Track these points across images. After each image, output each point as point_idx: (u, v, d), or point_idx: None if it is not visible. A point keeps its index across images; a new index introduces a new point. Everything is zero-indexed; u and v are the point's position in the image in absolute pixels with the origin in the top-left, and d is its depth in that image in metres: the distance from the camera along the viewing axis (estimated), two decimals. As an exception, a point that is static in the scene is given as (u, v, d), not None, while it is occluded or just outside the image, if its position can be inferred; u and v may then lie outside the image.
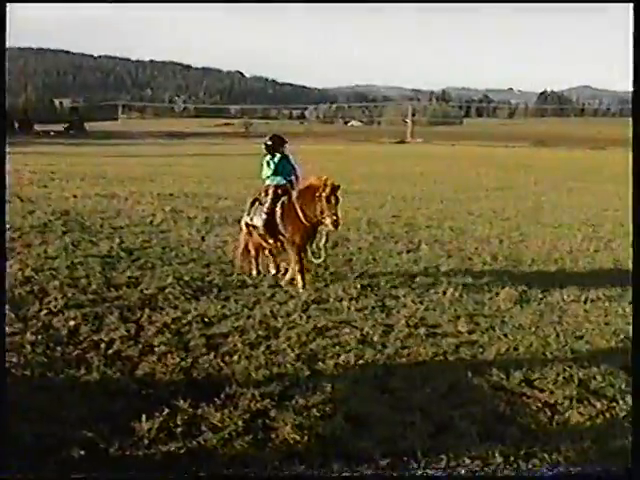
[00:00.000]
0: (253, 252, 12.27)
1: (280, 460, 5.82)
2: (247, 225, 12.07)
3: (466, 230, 17.87)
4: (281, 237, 11.47)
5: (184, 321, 9.37)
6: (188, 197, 23.22)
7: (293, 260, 11.33)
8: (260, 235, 11.75)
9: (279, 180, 11.66)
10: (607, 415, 6.84)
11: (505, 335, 9.08)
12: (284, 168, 11.77)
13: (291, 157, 11.93)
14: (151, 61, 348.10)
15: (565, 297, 11.10)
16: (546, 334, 9.17)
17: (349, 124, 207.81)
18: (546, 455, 5.95)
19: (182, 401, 6.78)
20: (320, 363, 7.99)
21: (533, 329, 9.38)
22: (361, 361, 8.08)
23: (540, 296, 11.16)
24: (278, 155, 11.77)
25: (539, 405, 7.00)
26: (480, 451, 5.98)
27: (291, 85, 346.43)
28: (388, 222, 19.07)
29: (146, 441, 6.09)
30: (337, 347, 8.50)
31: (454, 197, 25.73)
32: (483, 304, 10.59)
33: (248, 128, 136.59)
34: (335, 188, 10.66)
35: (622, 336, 9.26)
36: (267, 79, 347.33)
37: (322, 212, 10.68)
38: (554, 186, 31.47)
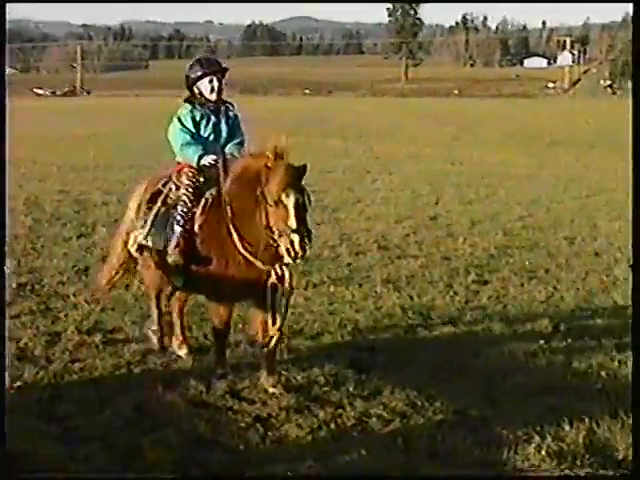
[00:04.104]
0: (154, 300, 9.08)
1: None
2: (141, 248, 8.49)
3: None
4: (198, 275, 8.01)
5: None
6: None
7: (215, 327, 8.27)
8: (158, 266, 8.37)
9: (197, 155, 8.05)
10: (332, 425, 7.18)
11: (205, 336, 9.25)
12: (215, 130, 8.34)
13: (236, 110, 8.59)
14: None
15: (282, 284, 11.49)
16: (256, 330, 9.40)
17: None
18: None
19: None
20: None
21: (240, 325, 9.59)
22: (18, 383, 7.94)
23: (251, 284, 11.49)
24: (208, 106, 8.28)
25: (248, 421, 7.23)
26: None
27: None
28: (53, 200, 18.76)
29: None
30: (-17, 368, 8.32)
31: (140, 163, 25.68)
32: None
33: None
34: (294, 173, 7.35)
35: (350, 327, 9.81)
36: None
37: (269, 225, 7.33)
38: (264, 144, 32.26)
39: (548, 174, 25.51)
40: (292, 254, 7.22)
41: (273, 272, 7.61)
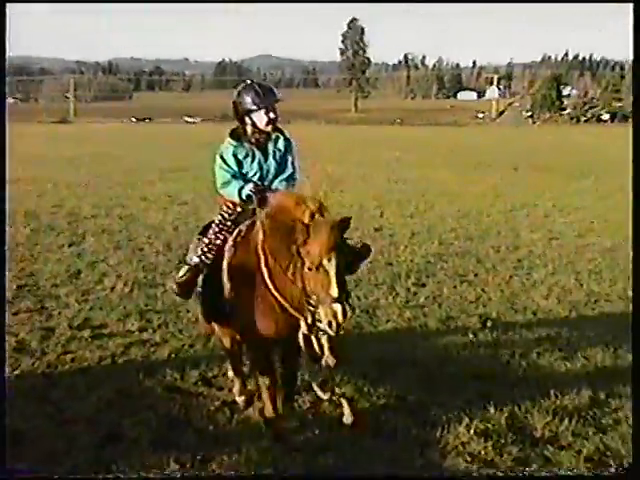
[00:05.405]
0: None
1: None
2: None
3: (138, 217, 17.92)
4: (231, 313, 6.53)
5: None
6: None
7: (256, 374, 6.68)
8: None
9: (237, 189, 6.60)
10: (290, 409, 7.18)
11: (180, 331, 9.26)
12: (261, 168, 6.78)
13: (289, 136, 7.16)
14: None
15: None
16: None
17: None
18: (225, 457, 6.19)
19: None
20: (-35, 378, 7.70)
21: (212, 322, 9.58)
22: (17, 372, 7.92)
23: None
24: (257, 139, 6.78)
25: (217, 405, 7.24)
26: (153, 459, 6.10)
27: None
28: (48, 213, 18.64)
29: None
30: (-14, 358, 8.24)
31: (125, 181, 25.60)
32: (156, 299, 10.71)
33: None
34: (338, 231, 5.61)
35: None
36: None
37: (306, 289, 5.67)
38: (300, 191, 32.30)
39: (477, 191, 25.58)
40: (334, 326, 5.48)
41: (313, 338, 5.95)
